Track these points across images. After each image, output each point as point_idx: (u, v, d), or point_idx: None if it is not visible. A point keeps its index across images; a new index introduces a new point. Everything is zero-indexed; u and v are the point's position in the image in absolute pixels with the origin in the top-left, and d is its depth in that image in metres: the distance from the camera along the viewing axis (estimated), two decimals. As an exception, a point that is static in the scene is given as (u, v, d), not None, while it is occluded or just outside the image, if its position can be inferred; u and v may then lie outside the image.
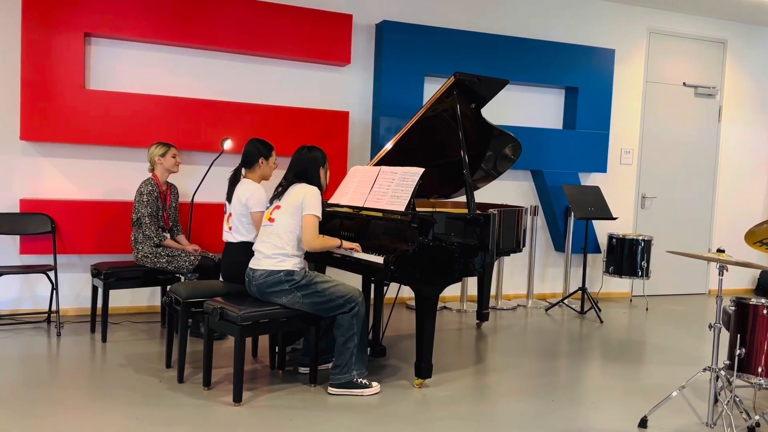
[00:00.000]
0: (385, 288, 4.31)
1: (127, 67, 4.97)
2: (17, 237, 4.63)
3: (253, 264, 3.47)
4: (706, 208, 7.12)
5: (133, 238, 4.36)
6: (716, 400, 3.16)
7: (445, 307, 5.83)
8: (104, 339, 4.29)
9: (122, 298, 5.01)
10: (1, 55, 4.65)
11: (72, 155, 4.86)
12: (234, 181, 3.90)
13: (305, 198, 3.41)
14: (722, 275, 3.04)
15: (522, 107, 6.23)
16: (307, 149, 3.61)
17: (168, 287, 4.21)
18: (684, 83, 6.89)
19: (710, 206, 7.13)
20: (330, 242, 3.58)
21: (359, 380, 3.49)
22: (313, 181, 3.54)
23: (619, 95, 6.58)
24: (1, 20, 4.63)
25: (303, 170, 3.54)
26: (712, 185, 7.13)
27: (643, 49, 6.70)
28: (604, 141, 6.38)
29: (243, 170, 3.93)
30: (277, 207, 3.48)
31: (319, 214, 3.44)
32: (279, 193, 3.53)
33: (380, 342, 4.24)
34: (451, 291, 5.88)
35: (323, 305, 3.42)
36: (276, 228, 3.43)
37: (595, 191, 6.01)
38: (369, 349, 3.98)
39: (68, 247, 4.69)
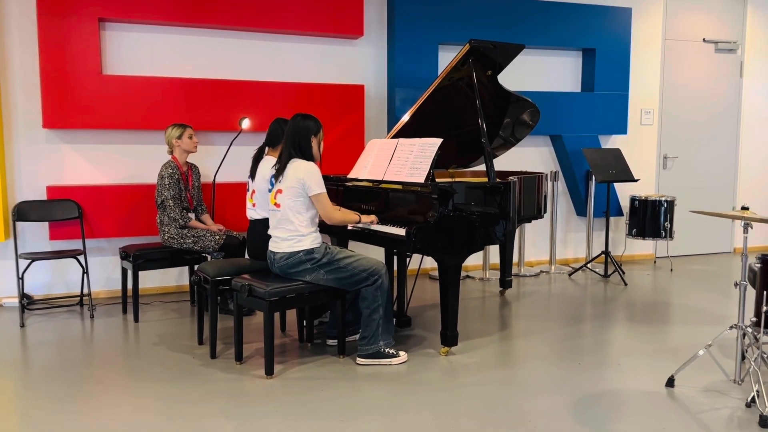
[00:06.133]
0: (408, 259, 4.35)
1: (141, 50, 5.00)
2: (46, 224, 4.73)
3: (273, 247, 3.51)
4: (730, 165, 7.02)
5: (158, 221, 4.43)
6: (743, 358, 3.17)
7: (467, 276, 5.86)
8: (136, 319, 4.40)
9: (151, 279, 5.12)
10: (19, 45, 4.70)
11: (93, 141, 4.93)
12: (258, 158, 3.94)
13: (305, 181, 3.36)
14: (747, 233, 3.02)
15: (539, 72, 6.16)
16: (301, 117, 3.52)
17: (195, 267, 4.30)
18: (704, 39, 6.75)
19: (734, 164, 7.03)
20: (350, 216, 3.63)
21: (386, 350, 3.55)
22: (306, 151, 3.46)
23: (638, 55, 6.46)
24: (17, 10, 4.67)
25: (297, 139, 3.46)
26: (735, 142, 7.01)
27: (661, 5, 6.55)
28: (623, 102, 6.30)
29: (267, 149, 3.97)
30: (279, 191, 3.45)
31: (324, 189, 3.42)
32: (278, 171, 3.47)
33: (405, 312, 4.29)
34: (474, 260, 5.93)
35: (347, 280, 3.47)
36: (284, 212, 3.43)
37: (616, 154, 5.96)
38: (394, 319, 4.04)
39: (96, 232, 4.79)
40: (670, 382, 3.22)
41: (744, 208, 3.10)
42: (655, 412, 2.95)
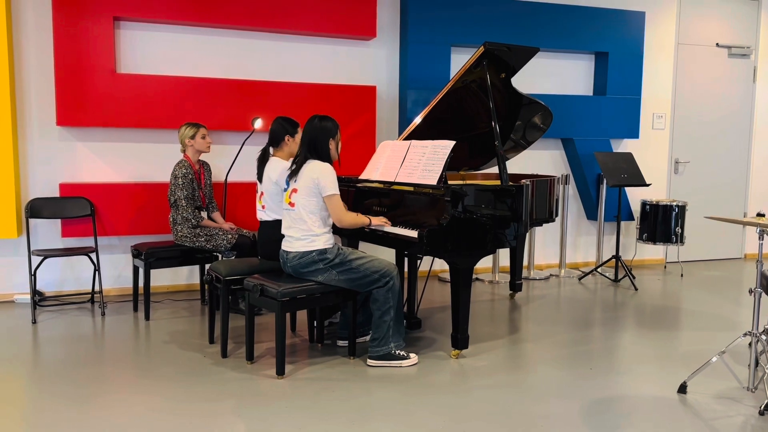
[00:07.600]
0: (419, 261, 4.34)
1: (155, 49, 5.02)
2: (58, 221, 4.76)
3: (286, 247, 3.52)
4: (741, 171, 6.98)
5: (171, 219, 4.45)
6: (757, 365, 3.15)
7: (477, 279, 5.85)
8: (147, 317, 4.41)
9: (162, 277, 5.14)
10: (35, 43, 4.73)
11: (107, 139, 4.96)
12: (263, 160, 3.94)
13: (319, 181, 3.37)
14: (762, 239, 3.01)
15: (551, 75, 6.15)
16: (318, 119, 3.52)
17: (207, 266, 4.31)
18: (717, 44, 6.72)
19: (745, 170, 6.99)
20: (360, 219, 3.63)
21: (397, 352, 3.55)
22: (322, 152, 3.47)
23: (650, 59, 6.44)
24: (33, 8, 4.70)
25: (313, 140, 3.47)
26: (747, 148, 6.98)
27: (674, 10, 6.53)
28: (635, 106, 6.27)
29: (271, 149, 3.97)
30: (294, 190, 3.46)
31: (337, 191, 3.43)
32: (294, 171, 3.49)
33: (415, 314, 4.29)
34: (483, 263, 5.89)
35: (359, 281, 3.47)
36: (298, 212, 3.44)
37: (628, 158, 5.94)
38: (405, 321, 4.03)
39: (108, 229, 4.81)
40: (683, 389, 3.21)
41: (760, 215, 3.09)
42: (667, 418, 2.93)
